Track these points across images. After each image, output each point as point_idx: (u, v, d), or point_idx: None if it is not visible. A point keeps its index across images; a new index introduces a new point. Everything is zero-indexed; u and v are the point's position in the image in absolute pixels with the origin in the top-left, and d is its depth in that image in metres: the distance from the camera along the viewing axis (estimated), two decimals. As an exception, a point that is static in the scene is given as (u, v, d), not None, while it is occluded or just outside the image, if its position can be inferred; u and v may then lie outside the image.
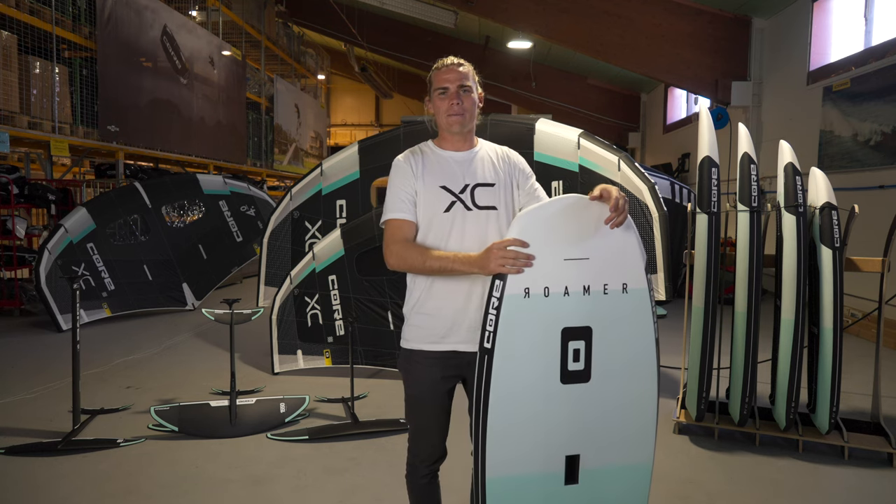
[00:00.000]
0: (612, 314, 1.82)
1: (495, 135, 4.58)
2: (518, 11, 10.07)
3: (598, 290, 1.80)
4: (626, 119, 15.88)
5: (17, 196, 7.40)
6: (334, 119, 28.00)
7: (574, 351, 1.80)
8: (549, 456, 1.84)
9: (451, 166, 2.04)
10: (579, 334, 1.80)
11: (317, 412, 4.21)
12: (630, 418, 1.88)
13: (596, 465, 1.86)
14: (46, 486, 3.19)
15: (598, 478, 1.87)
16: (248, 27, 14.27)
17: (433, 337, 2.01)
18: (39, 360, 5.47)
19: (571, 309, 1.79)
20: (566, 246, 1.79)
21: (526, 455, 1.83)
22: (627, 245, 1.82)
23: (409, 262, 1.95)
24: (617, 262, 1.81)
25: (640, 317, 1.84)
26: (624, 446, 1.88)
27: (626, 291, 1.82)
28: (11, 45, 7.20)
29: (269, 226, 5.42)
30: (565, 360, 1.80)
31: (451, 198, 2.00)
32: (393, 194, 2.02)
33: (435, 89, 2.04)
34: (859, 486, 3.25)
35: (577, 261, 1.79)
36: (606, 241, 1.81)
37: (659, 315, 7.68)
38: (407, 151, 2.09)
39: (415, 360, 2.05)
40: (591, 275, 1.80)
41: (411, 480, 2.15)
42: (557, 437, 1.83)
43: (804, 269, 3.46)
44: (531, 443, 1.82)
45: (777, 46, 8.67)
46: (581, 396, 1.82)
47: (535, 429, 1.82)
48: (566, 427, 1.83)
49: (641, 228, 4.46)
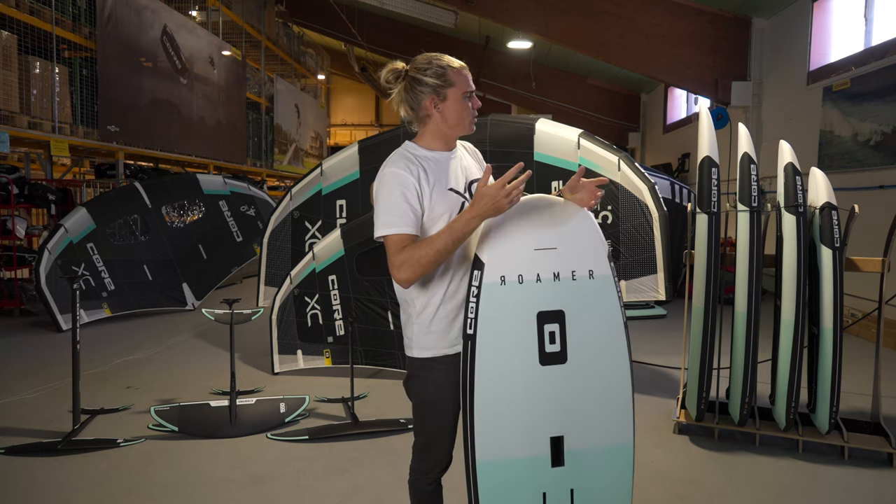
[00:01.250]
0: (582, 298, 1.95)
1: (495, 135, 4.57)
2: (518, 11, 10.06)
3: (567, 277, 1.95)
4: (626, 119, 15.88)
5: (17, 196, 7.40)
6: (334, 119, 28.00)
7: (550, 333, 1.93)
8: (535, 438, 1.94)
9: (449, 167, 2.03)
10: (553, 317, 1.93)
11: (317, 412, 4.21)
12: (607, 398, 1.99)
13: (580, 446, 1.97)
14: (46, 486, 3.19)
15: (582, 459, 1.97)
16: (248, 27, 14.27)
17: (454, 340, 1.99)
18: (39, 360, 5.48)
19: (544, 294, 1.93)
20: (536, 237, 1.95)
21: (513, 438, 1.93)
22: (591, 236, 1.99)
23: (422, 262, 1.82)
24: (582, 251, 1.97)
25: (607, 300, 1.98)
26: (604, 426, 1.99)
27: (593, 277, 1.97)
28: (11, 45, 7.21)
29: (269, 226, 5.42)
30: (542, 342, 1.93)
31: (460, 199, 2.00)
32: (394, 206, 1.87)
33: (463, 92, 1.97)
34: (859, 486, 3.25)
35: (547, 250, 1.94)
36: (571, 232, 1.98)
37: (659, 315, 7.71)
38: (400, 160, 1.95)
39: (436, 368, 1.99)
40: (560, 263, 1.95)
41: (416, 488, 2.12)
42: (541, 419, 1.94)
43: (804, 269, 3.46)
44: (517, 425, 1.93)
45: (777, 46, 8.67)
46: (560, 377, 1.94)
47: (520, 411, 1.93)
48: (549, 408, 1.94)
49: (641, 228, 4.46)
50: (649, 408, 4.29)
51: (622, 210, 4.51)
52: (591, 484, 1.99)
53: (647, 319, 7.38)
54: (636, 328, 6.79)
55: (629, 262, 4.52)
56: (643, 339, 6.25)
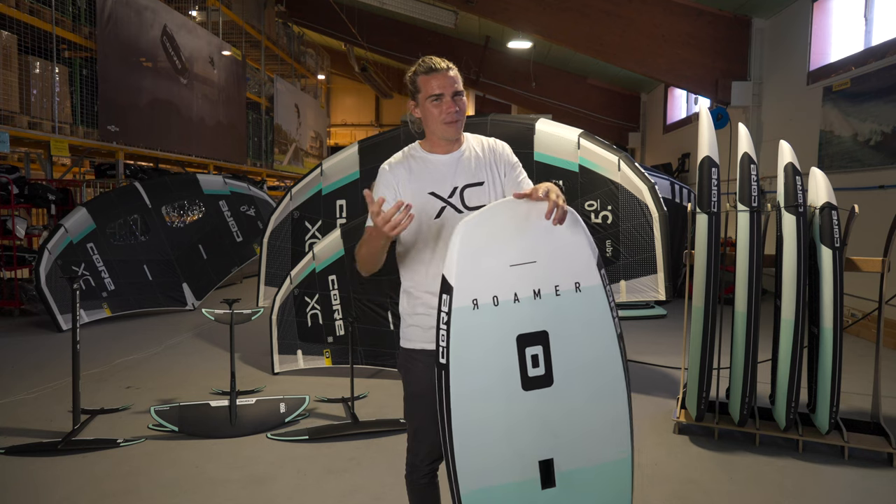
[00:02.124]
0: (568, 315, 1.78)
1: (495, 135, 4.54)
2: (518, 11, 10.07)
3: (550, 293, 1.76)
4: (626, 119, 15.88)
5: (17, 196, 7.40)
6: (334, 119, 27.99)
7: (532, 357, 1.76)
8: (522, 464, 1.80)
9: (438, 170, 2.03)
10: (535, 339, 1.76)
11: (317, 412, 4.21)
12: (599, 416, 1.84)
13: (571, 466, 1.83)
14: (46, 486, 3.19)
15: (575, 478, 1.84)
16: (248, 27, 14.26)
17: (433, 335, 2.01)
18: (39, 360, 5.48)
19: (524, 315, 1.75)
20: (510, 251, 1.75)
21: (497, 465, 1.79)
22: (576, 243, 1.78)
23: (359, 258, 2.02)
24: (566, 261, 1.77)
25: (597, 314, 1.79)
26: (597, 444, 1.85)
27: (580, 290, 1.78)
28: (11, 45, 7.20)
29: (269, 226, 5.42)
30: (524, 366, 1.76)
31: (441, 203, 2.00)
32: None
33: (427, 96, 1.98)
34: (859, 486, 3.25)
35: (524, 265, 1.75)
36: (552, 241, 1.77)
37: (659, 315, 7.71)
38: (394, 158, 2.07)
39: (415, 359, 2.05)
40: (541, 278, 1.76)
41: (411, 481, 2.15)
42: (527, 444, 1.80)
43: (804, 269, 3.46)
44: (501, 452, 1.79)
45: (777, 46, 8.67)
46: (546, 401, 1.78)
47: (503, 438, 1.78)
48: (535, 433, 1.80)
49: (641, 228, 4.46)
50: (649, 408, 4.29)
51: (622, 210, 4.51)
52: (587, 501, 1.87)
53: (647, 319, 7.38)
54: (636, 328, 6.79)
55: (629, 262, 4.52)
56: (643, 340, 6.25)
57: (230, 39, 14.01)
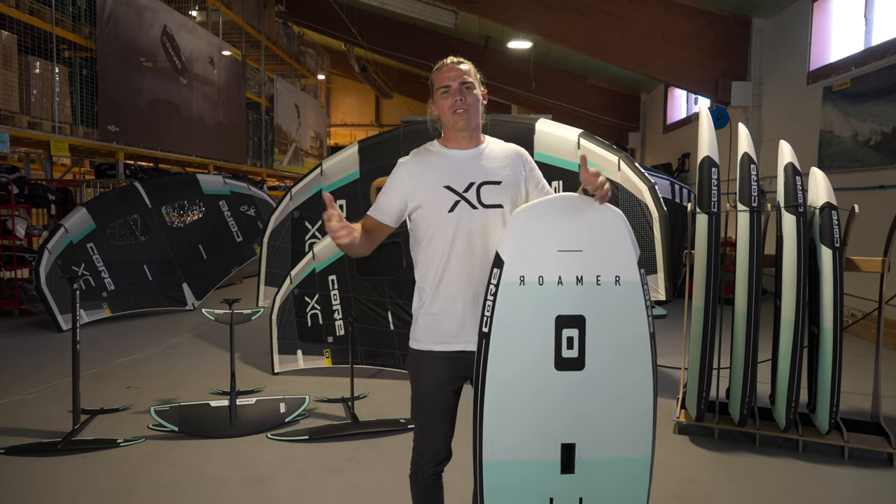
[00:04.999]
0: (605, 304, 1.88)
1: (495, 135, 4.54)
2: (518, 11, 10.07)
3: (591, 281, 1.87)
4: (626, 119, 15.88)
5: (17, 196, 7.40)
6: (334, 119, 27.99)
7: (568, 338, 1.87)
8: (545, 443, 1.89)
9: (455, 165, 2.04)
10: (573, 322, 1.87)
11: (317, 412, 4.21)
12: (625, 410, 1.91)
13: (592, 455, 1.90)
14: (46, 486, 3.19)
15: (594, 469, 1.90)
16: (248, 27, 14.26)
17: (444, 337, 2.02)
18: (39, 360, 5.48)
19: (565, 297, 1.87)
20: (560, 238, 1.88)
21: (522, 440, 1.89)
22: (620, 240, 1.91)
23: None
24: (609, 255, 1.89)
25: (632, 309, 1.89)
26: (620, 438, 1.91)
27: (619, 283, 1.88)
28: (11, 45, 7.20)
29: (269, 226, 5.41)
30: (559, 346, 1.87)
31: (455, 197, 2.00)
32: (382, 192, 2.07)
33: (437, 88, 2.05)
34: (859, 486, 3.25)
35: (571, 252, 1.87)
36: (600, 234, 1.90)
37: (659, 315, 7.72)
38: (413, 152, 2.11)
39: (423, 360, 2.05)
40: (585, 265, 1.88)
41: (416, 481, 2.14)
42: (553, 424, 1.89)
43: (804, 269, 3.46)
44: (527, 428, 1.88)
45: (777, 46, 8.67)
46: (576, 384, 1.88)
47: (531, 414, 1.88)
48: (561, 414, 1.88)
49: (641, 228, 4.46)
50: (649, 408, 4.28)
51: (622, 210, 4.49)
52: (602, 495, 1.92)
53: (647, 319, 7.37)
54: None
55: (629, 262, 4.51)
56: (643, 339, 6.24)
57: (230, 39, 14.00)
